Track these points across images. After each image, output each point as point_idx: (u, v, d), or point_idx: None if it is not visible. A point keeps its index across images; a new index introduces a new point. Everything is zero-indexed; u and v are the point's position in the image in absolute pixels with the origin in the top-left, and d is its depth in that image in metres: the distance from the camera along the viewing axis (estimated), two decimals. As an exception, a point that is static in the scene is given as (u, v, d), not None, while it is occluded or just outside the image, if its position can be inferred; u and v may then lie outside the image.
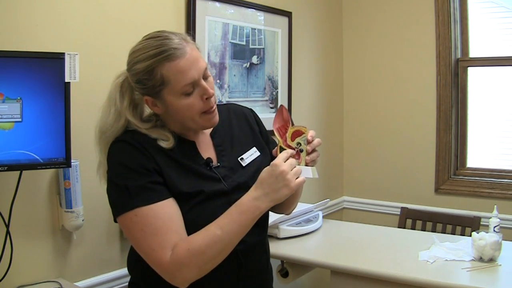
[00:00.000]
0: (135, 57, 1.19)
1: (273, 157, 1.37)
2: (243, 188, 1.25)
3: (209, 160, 1.29)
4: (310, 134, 1.22)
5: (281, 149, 1.23)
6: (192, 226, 1.17)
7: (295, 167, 1.18)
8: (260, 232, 1.34)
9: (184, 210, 1.19)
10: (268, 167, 1.18)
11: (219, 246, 1.14)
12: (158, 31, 1.22)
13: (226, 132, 1.37)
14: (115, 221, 1.21)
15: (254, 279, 1.33)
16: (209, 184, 1.24)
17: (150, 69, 1.17)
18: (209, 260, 1.14)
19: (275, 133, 1.25)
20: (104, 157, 1.24)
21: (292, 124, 1.24)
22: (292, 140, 1.22)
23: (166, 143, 1.22)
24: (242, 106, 1.48)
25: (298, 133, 1.22)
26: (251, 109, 1.48)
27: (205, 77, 1.21)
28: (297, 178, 1.17)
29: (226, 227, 1.14)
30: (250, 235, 1.24)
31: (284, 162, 1.17)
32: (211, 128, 1.34)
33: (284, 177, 1.15)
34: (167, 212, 1.16)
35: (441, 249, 1.96)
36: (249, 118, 1.44)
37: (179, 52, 1.16)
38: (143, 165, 1.17)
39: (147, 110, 1.30)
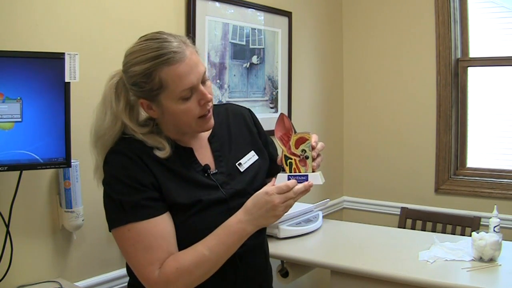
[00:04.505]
0: (132, 59, 1.16)
1: (274, 163, 1.35)
2: (242, 195, 1.25)
3: (206, 167, 1.27)
4: (314, 139, 1.20)
5: (286, 158, 1.21)
6: (190, 235, 1.17)
7: (290, 198, 1.15)
8: (258, 234, 1.33)
9: (182, 219, 1.19)
10: (261, 192, 1.16)
11: (206, 266, 1.15)
12: (157, 32, 1.19)
13: (224, 135, 1.35)
14: (110, 231, 1.20)
15: (252, 280, 1.33)
16: (207, 193, 1.23)
17: (148, 72, 1.13)
18: (196, 278, 1.15)
19: (278, 142, 1.23)
20: (101, 161, 1.22)
21: (295, 131, 1.22)
22: (296, 147, 1.20)
23: (163, 153, 1.19)
24: (240, 106, 1.46)
25: (301, 140, 1.20)
26: (249, 109, 1.46)
27: (203, 81, 1.19)
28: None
29: (214, 248, 1.15)
30: (248, 238, 1.24)
31: (280, 194, 1.14)
32: (208, 132, 1.33)
33: (275, 210, 1.14)
34: (159, 229, 1.15)
35: (441, 249, 1.96)
36: (247, 119, 1.42)
37: (179, 56, 1.13)
38: (139, 181, 1.15)
39: (143, 113, 1.27)
